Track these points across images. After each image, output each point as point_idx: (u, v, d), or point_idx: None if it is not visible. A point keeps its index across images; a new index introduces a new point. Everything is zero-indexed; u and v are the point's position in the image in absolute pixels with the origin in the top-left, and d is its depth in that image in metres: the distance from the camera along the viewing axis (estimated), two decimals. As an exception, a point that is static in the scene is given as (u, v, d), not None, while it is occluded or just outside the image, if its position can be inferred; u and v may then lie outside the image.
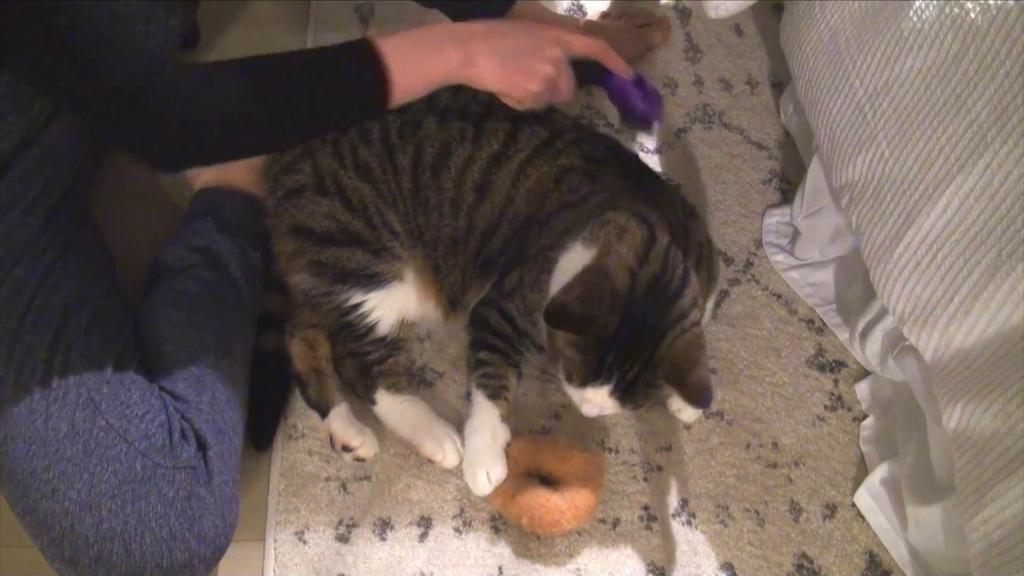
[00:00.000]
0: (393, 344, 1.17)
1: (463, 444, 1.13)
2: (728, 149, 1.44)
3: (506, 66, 0.99)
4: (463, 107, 1.15)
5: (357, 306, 1.13)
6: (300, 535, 1.12)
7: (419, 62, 0.96)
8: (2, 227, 0.99)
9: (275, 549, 1.11)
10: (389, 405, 1.16)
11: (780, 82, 1.50)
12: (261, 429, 1.17)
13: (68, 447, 0.95)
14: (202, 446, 1.02)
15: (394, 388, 1.16)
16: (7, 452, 0.95)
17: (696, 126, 1.46)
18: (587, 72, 1.09)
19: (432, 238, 1.14)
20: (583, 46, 1.05)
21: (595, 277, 0.96)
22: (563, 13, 1.55)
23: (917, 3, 0.98)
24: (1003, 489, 0.82)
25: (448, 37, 0.98)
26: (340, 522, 1.13)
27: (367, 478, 1.16)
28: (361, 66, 0.94)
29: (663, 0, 1.59)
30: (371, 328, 1.14)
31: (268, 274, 1.21)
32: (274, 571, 1.10)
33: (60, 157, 1.05)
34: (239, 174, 1.24)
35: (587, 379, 0.96)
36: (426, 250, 1.14)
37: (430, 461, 1.15)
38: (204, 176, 1.26)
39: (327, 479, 1.16)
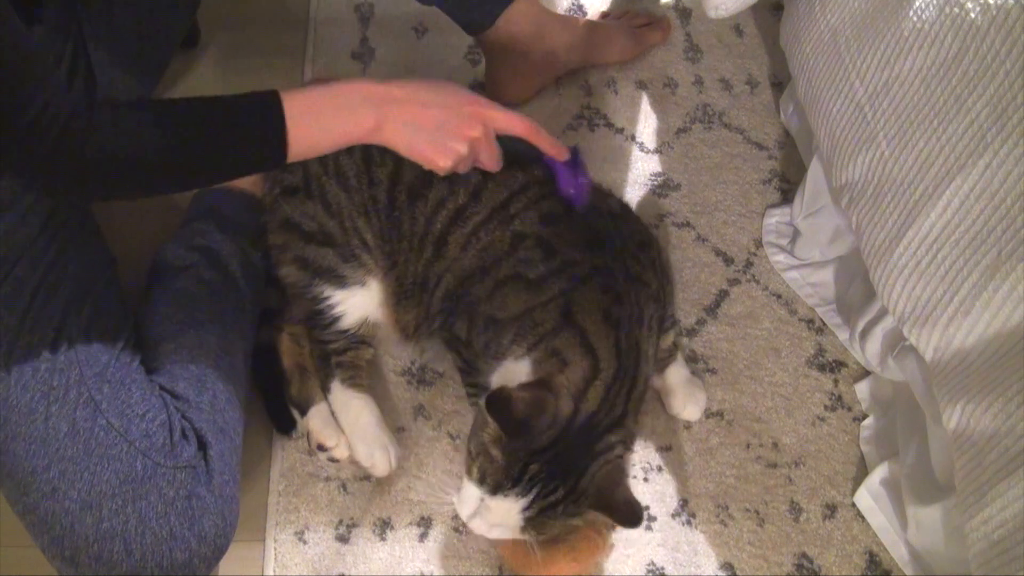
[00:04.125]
0: (354, 338, 1.17)
1: None
2: (728, 149, 1.44)
3: (418, 140, 0.96)
4: None
5: (326, 298, 1.14)
6: (300, 535, 1.12)
7: (325, 123, 0.93)
8: (2, 226, 0.99)
9: (275, 549, 1.11)
10: (341, 398, 1.16)
11: (780, 82, 1.50)
12: (282, 414, 1.18)
13: (68, 446, 0.95)
14: (203, 445, 1.02)
15: (349, 382, 1.16)
16: (7, 451, 0.95)
17: (696, 126, 1.46)
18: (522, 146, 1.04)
19: (402, 270, 1.14)
20: (508, 125, 1.01)
21: (545, 391, 0.95)
22: (563, 13, 1.55)
23: (917, 3, 0.98)
24: (1003, 489, 0.82)
25: (363, 99, 0.94)
26: (340, 522, 1.13)
27: (367, 478, 1.16)
28: (263, 120, 0.91)
29: (663, 0, 1.59)
30: (335, 319, 1.15)
31: (268, 273, 1.21)
32: (274, 571, 1.10)
33: None
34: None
35: (501, 484, 0.94)
36: (395, 278, 1.14)
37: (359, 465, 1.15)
38: None
39: (327, 479, 1.16)
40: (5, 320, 0.97)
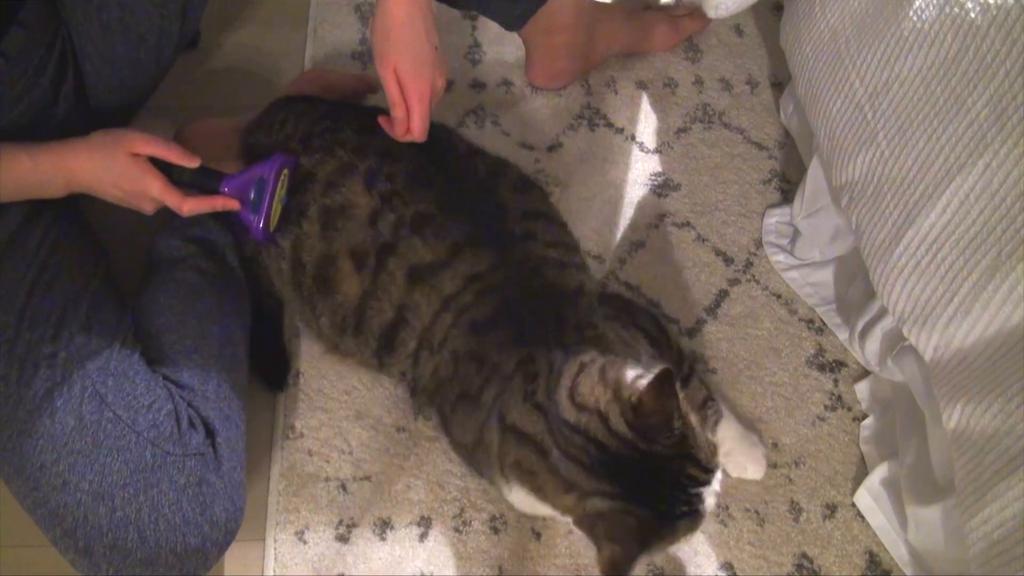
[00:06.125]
0: None
1: None
2: (728, 149, 1.44)
3: (115, 204, 1.05)
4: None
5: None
6: (300, 535, 1.12)
7: (21, 184, 1.00)
8: None
9: (275, 549, 1.11)
10: None
11: (780, 82, 1.50)
12: (273, 371, 1.21)
13: (77, 440, 0.96)
14: (210, 433, 1.03)
15: None
16: (15, 448, 0.96)
17: (696, 126, 1.46)
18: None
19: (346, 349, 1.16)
20: (166, 196, 1.04)
21: (591, 518, 0.89)
22: (606, 1, 1.52)
23: (917, 3, 0.98)
24: (1003, 489, 0.82)
25: (54, 182, 1.01)
26: (340, 522, 1.13)
27: (367, 478, 1.16)
28: None
29: (663, 0, 1.59)
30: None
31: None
32: (274, 571, 1.10)
33: None
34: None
35: (661, 528, 0.88)
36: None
37: None
38: None
39: (327, 479, 1.16)
40: (3, 319, 0.98)
